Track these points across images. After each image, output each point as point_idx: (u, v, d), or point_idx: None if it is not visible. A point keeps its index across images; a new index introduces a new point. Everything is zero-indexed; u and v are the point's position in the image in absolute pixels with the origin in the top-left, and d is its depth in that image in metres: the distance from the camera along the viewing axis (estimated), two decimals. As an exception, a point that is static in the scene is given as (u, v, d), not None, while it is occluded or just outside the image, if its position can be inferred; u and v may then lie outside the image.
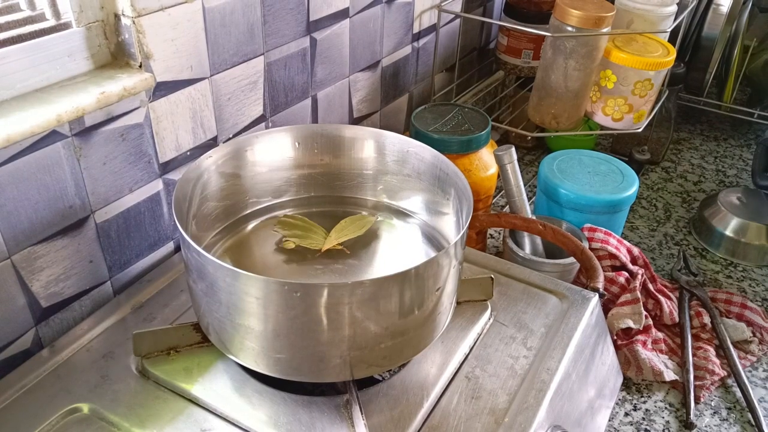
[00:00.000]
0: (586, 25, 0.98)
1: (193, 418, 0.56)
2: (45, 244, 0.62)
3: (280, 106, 0.84)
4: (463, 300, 0.69)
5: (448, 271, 0.56)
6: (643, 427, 0.76)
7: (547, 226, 0.79)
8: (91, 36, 0.62)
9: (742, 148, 1.39)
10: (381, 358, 0.55)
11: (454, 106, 0.95)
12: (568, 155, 0.98)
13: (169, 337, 0.61)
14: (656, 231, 1.11)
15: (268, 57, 0.79)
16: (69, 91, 0.59)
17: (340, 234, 0.69)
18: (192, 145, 0.74)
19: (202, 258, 0.52)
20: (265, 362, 0.55)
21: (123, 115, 0.65)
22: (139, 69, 0.64)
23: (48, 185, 0.60)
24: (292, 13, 0.80)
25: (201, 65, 0.70)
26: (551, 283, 0.73)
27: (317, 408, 0.57)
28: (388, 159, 0.71)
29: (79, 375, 0.59)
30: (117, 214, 0.68)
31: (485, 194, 0.92)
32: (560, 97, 1.06)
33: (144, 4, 0.62)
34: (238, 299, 0.52)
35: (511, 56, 1.23)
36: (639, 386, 0.81)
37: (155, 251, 0.75)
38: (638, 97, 1.05)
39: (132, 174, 0.68)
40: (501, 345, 0.65)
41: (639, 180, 0.95)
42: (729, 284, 0.99)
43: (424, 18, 1.07)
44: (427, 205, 0.71)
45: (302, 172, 0.72)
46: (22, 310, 0.62)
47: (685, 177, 1.28)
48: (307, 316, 0.51)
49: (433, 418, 0.57)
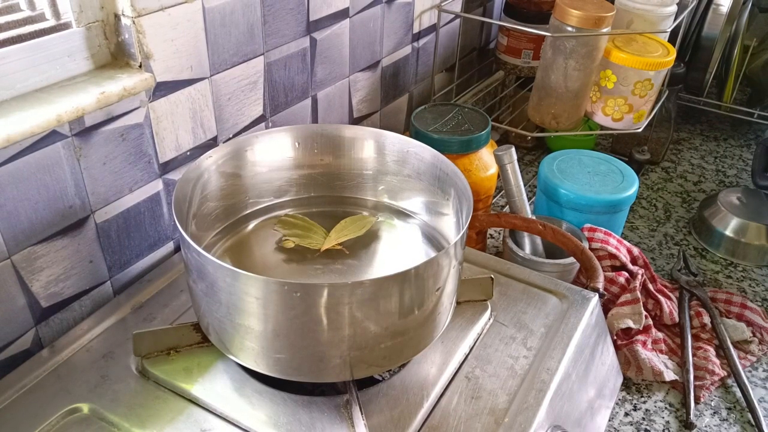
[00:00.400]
0: (586, 25, 0.98)
1: (193, 418, 0.56)
2: (45, 244, 0.62)
3: (280, 106, 0.84)
4: (463, 300, 0.69)
5: (448, 271, 0.56)
6: (643, 427, 0.76)
7: (547, 226, 0.79)
8: (91, 36, 0.62)
9: (742, 148, 1.39)
10: (381, 358, 0.55)
11: (454, 106, 0.95)
12: (568, 155, 0.98)
13: (169, 337, 0.61)
14: (656, 231, 1.11)
15: (268, 57, 0.79)
16: (69, 91, 0.59)
17: (339, 234, 0.69)
18: (192, 145, 0.74)
19: (202, 258, 0.52)
20: (265, 362, 0.55)
21: (123, 115, 0.65)
22: (139, 69, 0.64)
23: (48, 185, 0.60)
24: (292, 13, 0.80)
25: (201, 65, 0.70)
26: (551, 283, 0.73)
27: (317, 408, 0.57)
28: (388, 159, 0.71)
29: (79, 375, 0.59)
30: (117, 214, 0.68)
31: (485, 194, 0.92)
32: (560, 97, 1.06)
33: (144, 4, 0.62)
34: (238, 299, 0.52)
35: (511, 56, 1.23)
36: (639, 386, 0.81)
37: (155, 251, 0.75)
38: (638, 97, 1.05)
39: (132, 174, 0.68)
40: (501, 345, 0.65)
41: (639, 180, 0.95)
42: (729, 284, 0.99)
43: (424, 18, 1.07)
44: (427, 205, 0.71)
45: (302, 172, 0.72)
46: (22, 310, 0.62)
47: (685, 177, 1.28)
48: (307, 316, 0.51)
49: (433, 418, 0.57)
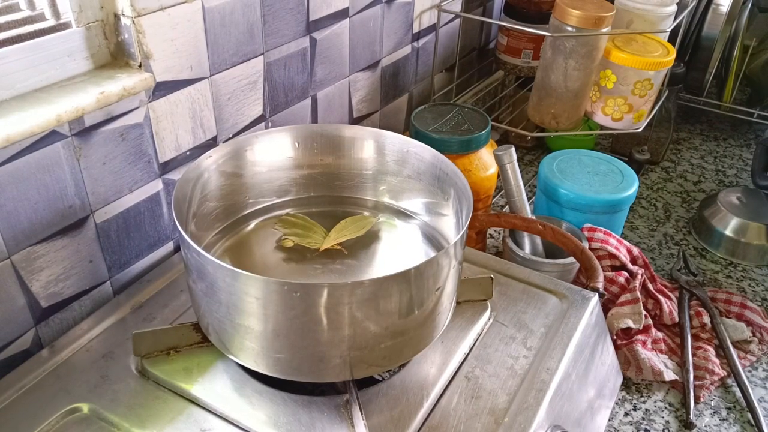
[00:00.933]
0: (585, 25, 0.98)
1: (193, 418, 0.56)
2: (45, 244, 0.62)
3: (280, 106, 0.84)
4: (463, 300, 0.69)
5: (447, 271, 0.56)
6: (642, 426, 0.76)
7: (547, 226, 0.79)
8: (91, 36, 0.62)
9: (742, 148, 1.39)
10: (381, 358, 0.55)
11: (454, 106, 0.95)
12: (568, 155, 0.98)
13: (168, 337, 0.61)
14: (656, 231, 1.11)
15: (268, 57, 0.79)
16: (69, 91, 0.59)
17: (339, 234, 0.68)
18: (192, 145, 0.74)
19: (202, 258, 0.52)
20: (265, 362, 0.55)
21: (123, 115, 0.65)
22: (139, 69, 0.64)
23: (48, 185, 0.60)
24: (292, 12, 0.80)
25: (201, 65, 0.70)
26: (551, 283, 0.73)
27: (317, 408, 0.57)
28: (387, 159, 0.71)
29: (79, 375, 0.59)
30: (117, 214, 0.68)
31: (485, 194, 0.92)
32: (560, 97, 1.06)
33: (144, 4, 0.62)
34: (238, 299, 0.52)
35: (511, 56, 1.23)
36: (639, 386, 0.81)
37: (155, 251, 0.75)
38: (638, 97, 1.05)
39: (132, 174, 0.68)
40: (501, 345, 0.65)
41: (639, 180, 0.95)
42: (729, 284, 0.99)
43: (424, 18, 1.07)
44: (426, 205, 0.71)
45: (302, 172, 0.72)
46: (21, 310, 0.62)
47: (685, 177, 1.28)
48: (307, 316, 0.51)
49: (432, 418, 0.57)
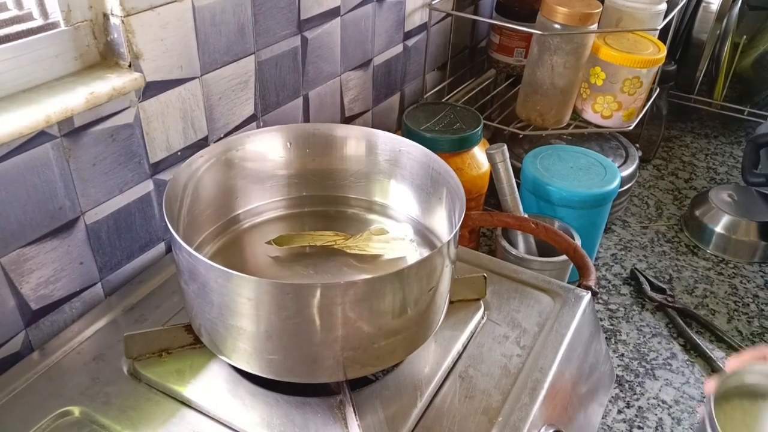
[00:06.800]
0: (571, 22, 0.98)
1: (186, 420, 0.56)
2: (34, 245, 0.62)
3: (272, 106, 0.84)
4: (456, 299, 0.68)
5: (440, 271, 0.56)
6: (636, 424, 0.76)
7: (540, 225, 0.79)
8: (80, 36, 0.61)
9: (733, 146, 1.40)
10: (374, 358, 0.55)
11: (446, 105, 0.95)
12: (547, 152, 0.98)
13: (160, 338, 0.61)
14: (648, 228, 1.12)
15: (259, 56, 0.79)
16: (57, 91, 0.59)
17: (373, 239, 0.68)
18: (183, 145, 0.73)
19: (194, 259, 0.52)
20: (258, 363, 0.55)
21: (113, 116, 0.64)
22: (129, 69, 0.63)
23: (37, 186, 0.60)
24: (283, 12, 0.79)
25: (191, 65, 0.70)
26: (544, 282, 0.73)
27: (310, 409, 0.57)
28: (380, 158, 0.71)
29: (70, 378, 0.59)
30: (107, 216, 0.68)
31: (477, 193, 0.92)
32: (546, 94, 1.06)
33: (133, 4, 0.61)
34: (230, 300, 0.52)
35: (503, 54, 1.23)
36: (632, 384, 0.81)
37: (146, 252, 0.74)
38: (627, 95, 1.05)
39: (122, 175, 0.68)
40: (494, 344, 0.65)
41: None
42: (720, 281, 1.00)
43: (415, 16, 1.07)
44: (419, 204, 0.71)
45: (294, 172, 0.72)
46: (11, 312, 0.62)
47: (677, 174, 1.29)
48: (300, 317, 0.51)
49: (426, 418, 0.57)
